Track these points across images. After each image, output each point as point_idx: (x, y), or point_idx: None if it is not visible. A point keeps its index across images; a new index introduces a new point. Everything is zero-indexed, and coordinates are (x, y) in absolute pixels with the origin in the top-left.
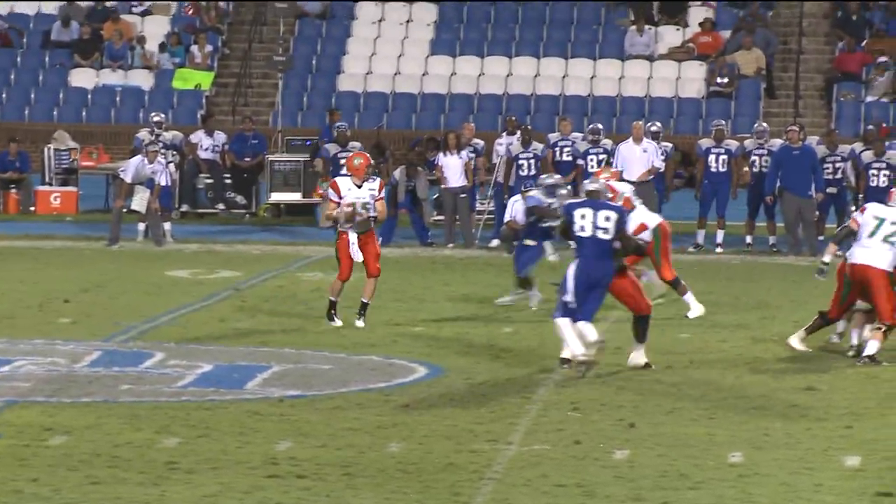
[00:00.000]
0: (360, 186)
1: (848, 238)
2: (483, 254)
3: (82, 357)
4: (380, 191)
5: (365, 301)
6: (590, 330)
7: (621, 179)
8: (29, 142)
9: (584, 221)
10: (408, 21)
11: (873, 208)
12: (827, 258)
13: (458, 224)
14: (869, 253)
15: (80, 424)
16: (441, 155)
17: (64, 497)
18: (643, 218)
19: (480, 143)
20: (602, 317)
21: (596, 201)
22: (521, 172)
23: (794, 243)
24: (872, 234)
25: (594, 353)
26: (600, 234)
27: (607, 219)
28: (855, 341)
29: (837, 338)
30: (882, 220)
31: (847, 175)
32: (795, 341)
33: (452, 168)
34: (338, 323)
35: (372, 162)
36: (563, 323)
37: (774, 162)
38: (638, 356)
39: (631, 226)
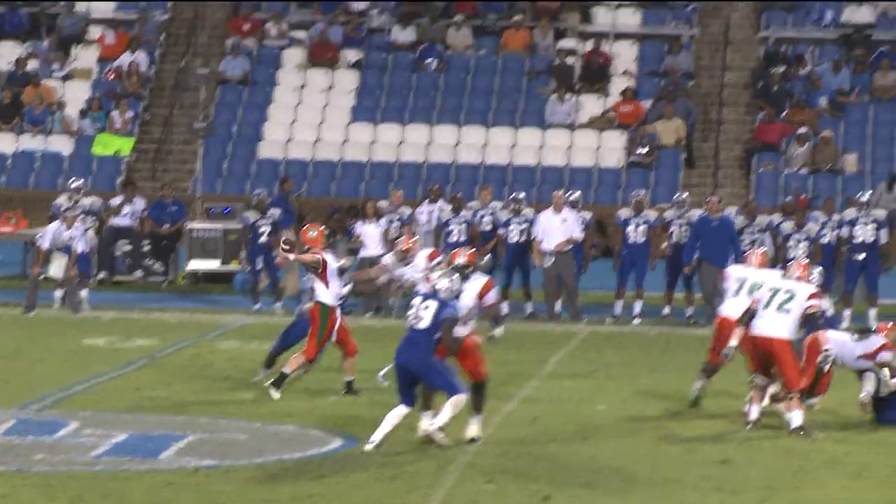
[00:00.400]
0: None
1: (753, 317)
2: (401, 323)
3: None
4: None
5: (350, 379)
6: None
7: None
8: None
9: (412, 310)
10: (329, 88)
11: (768, 280)
12: (734, 342)
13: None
14: (769, 324)
15: None
16: (360, 223)
17: None
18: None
19: (408, 210)
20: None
21: (430, 292)
22: (450, 239)
23: (711, 314)
24: (768, 304)
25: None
26: (416, 323)
27: (426, 307)
28: (753, 416)
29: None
30: (776, 290)
31: (766, 246)
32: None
33: (371, 236)
34: (277, 396)
35: (328, 231)
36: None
37: (693, 232)
38: (472, 428)
39: (475, 287)
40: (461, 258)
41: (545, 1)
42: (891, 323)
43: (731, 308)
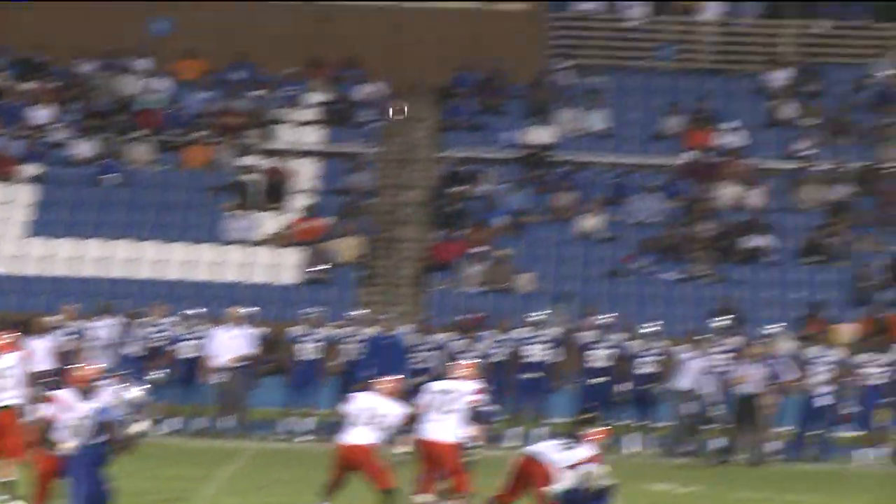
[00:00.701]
0: None
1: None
2: None
3: None
4: None
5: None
6: None
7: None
8: None
9: None
10: (7, 202)
11: (429, 387)
12: (405, 448)
13: None
14: (433, 427)
15: None
16: (28, 339)
17: None
18: None
19: (82, 325)
20: None
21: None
22: (125, 353)
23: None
24: (431, 409)
25: None
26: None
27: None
28: None
29: None
30: (437, 393)
31: (438, 363)
32: None
33: (40, 352)
34: None
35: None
36: None
37: (368, 349)
38: None
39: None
40: (84, 372)
41: (228, 118)
42: (605, 428)
43: (353, 436)
